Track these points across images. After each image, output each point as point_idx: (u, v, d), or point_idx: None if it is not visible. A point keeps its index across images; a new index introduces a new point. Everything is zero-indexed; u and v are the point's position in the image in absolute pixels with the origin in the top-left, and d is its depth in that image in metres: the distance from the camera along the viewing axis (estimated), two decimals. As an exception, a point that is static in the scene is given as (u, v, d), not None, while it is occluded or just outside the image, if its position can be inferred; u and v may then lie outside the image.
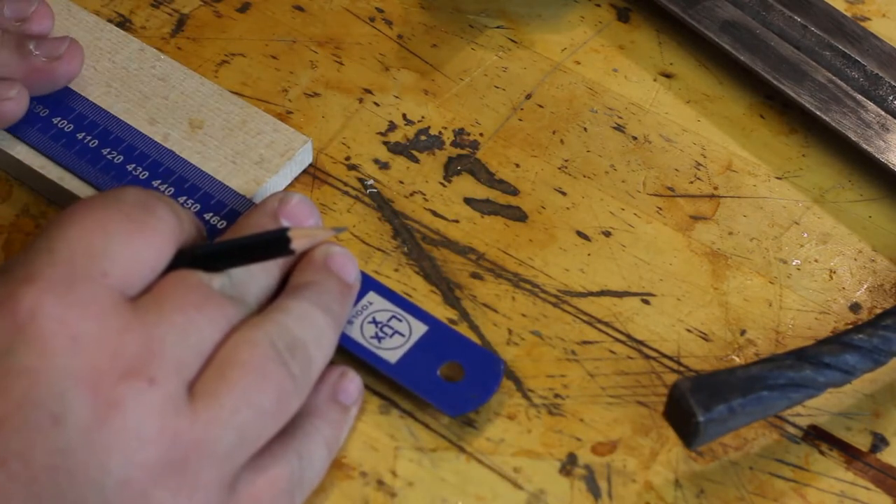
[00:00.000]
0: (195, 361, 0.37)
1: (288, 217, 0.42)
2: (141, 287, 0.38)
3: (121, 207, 0.38)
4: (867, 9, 0.57)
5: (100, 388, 0.34)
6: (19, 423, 0.34)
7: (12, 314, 0.35)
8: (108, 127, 0.48)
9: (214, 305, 0.38)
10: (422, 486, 0.42)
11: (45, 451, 0.34)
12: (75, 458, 0.34)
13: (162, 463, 0.35)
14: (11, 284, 0.35)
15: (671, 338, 0.46)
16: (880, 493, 0.42)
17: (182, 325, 0.37)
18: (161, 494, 0.35)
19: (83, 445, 0.34)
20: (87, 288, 0.36)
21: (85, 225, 0.37)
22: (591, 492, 0.42)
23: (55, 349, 0.34)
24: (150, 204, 0.39)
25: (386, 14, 0.56)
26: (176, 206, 0.40)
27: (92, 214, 0.38)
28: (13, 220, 0.48)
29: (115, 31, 0.51)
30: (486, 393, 0.43)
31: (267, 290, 0.41)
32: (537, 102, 0.53)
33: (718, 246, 0.49)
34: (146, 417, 0.35)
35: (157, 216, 0.39)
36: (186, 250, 0.40)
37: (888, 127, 0.50)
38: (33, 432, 0.34)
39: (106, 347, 0.35)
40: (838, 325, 0.47)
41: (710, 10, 0.54)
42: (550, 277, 0.47)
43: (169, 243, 0.39)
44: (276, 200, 0.43)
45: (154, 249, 0.38)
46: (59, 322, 0.35)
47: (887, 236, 0.49)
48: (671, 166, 0.51)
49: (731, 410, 0.39)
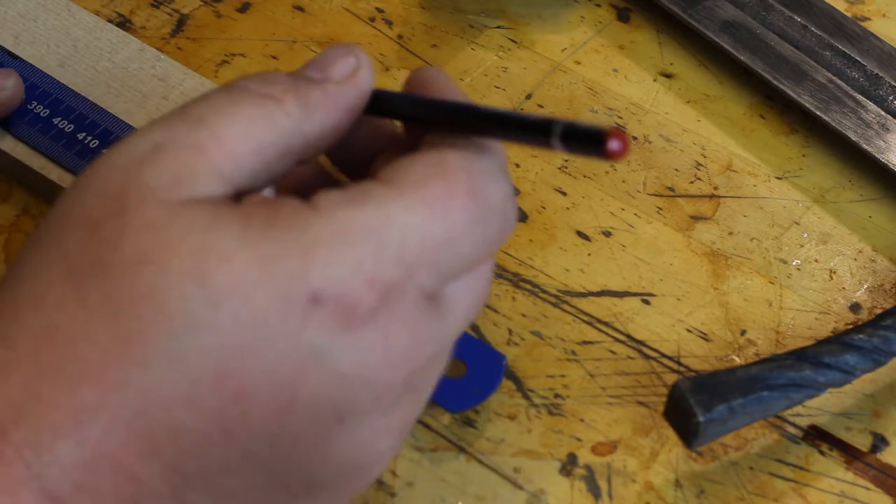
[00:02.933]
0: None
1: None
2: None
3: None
4: (867, 9, 0.57)
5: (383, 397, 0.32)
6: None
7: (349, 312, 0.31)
8: (109, 127, 0.48)
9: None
10: (422, 486, 0.42)
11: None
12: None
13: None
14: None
15: (671, 338, 0.46)
16: (880, 493, 0.42)
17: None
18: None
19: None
20: (402, 297, 0.32)
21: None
22: (591, 492, 0.42)
23: (375, 363, 0.31)
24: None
25: (386, 14, 0.56)
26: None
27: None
28: (13, 220, 0.48)
29: (115, 31, 0.51)
30: (488, 389, 0.43)
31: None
32: (537, 102, 0.53)
33: (718, 246, 0.49)
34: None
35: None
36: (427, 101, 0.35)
37: (888, 127, 0.50)
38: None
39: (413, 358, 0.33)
40: (838, 325, 0.47)
41: (710, 10, 0.54)
42: (550, 277, 0.47)
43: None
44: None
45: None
46: (383, 335, 0.31)
47: (887, 236, 0.49)
48: (671, 166, 0.51)
49: (731, 410, 0.39)
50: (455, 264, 0.32)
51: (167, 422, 0.30)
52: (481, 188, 0.32)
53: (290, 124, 0.33)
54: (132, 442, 0.30)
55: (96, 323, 0.30)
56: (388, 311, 0.31)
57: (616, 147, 0.30)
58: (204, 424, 0.30)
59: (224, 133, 0.32)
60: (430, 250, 0.31)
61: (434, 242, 0.31)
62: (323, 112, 0.34)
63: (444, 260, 0.32)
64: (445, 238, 0.32)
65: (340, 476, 0.32)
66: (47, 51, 0.50)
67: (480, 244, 0.33)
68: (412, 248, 0.31)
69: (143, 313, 0.30)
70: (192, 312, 0.29)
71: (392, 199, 0.31)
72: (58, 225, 0.32)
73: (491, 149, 0.34)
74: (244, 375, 0.30)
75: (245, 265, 0.30)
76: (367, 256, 0.31)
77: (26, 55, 0.50)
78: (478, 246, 0.32)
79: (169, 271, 0.30)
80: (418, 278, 0.31)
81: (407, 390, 0.32)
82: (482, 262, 0.34)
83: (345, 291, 0.30)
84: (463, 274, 0.33)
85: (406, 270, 0.31)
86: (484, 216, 0.32)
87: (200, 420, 0.30)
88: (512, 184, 0.34)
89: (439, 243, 0.32)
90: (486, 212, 0.32)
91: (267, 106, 0.33)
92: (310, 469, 0.32)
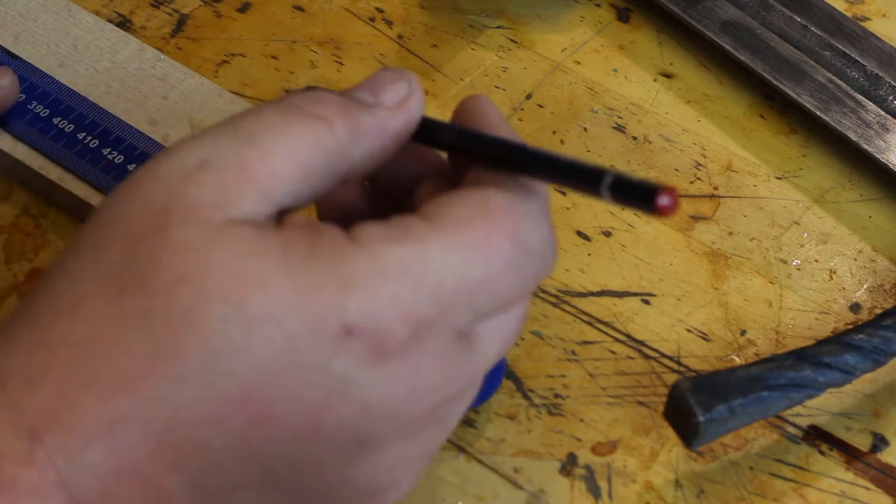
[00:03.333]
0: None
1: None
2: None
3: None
4: (867, 9, 0.57)
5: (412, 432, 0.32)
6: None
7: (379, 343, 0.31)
8: (109, 127, 0.48)
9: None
10: (422, 486, 0.42)
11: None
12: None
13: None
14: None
15: (671, 338, 0.46)
16: (880, 493, 0.42)
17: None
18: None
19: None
20: (434, 335, 0.32)
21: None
22: (591, 492, 0.42)
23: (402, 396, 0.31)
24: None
25: (386, 14, 0.56)
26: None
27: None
28: (13, 220, 0.48)
29: (115, 31, 0.51)
30: (489, 389, 0.43)
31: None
32: (537, 102, 0.53)
33: (718, 246, 0.49)
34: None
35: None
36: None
37: (888, 127, 0.50)
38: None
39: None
40: (838, 325, 0.47)
41: (710, 10, 0.54)
42: (551, 277, 0.47)
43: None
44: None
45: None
46: (412, 369, 0.31)
47: (887, 236, 0.49)
48: (671, 166, 0.51)
49: (731, 410, 0.39)
50: (490, 305, 0.32)
51: (194, 438, 0.30)
52: (522, 231, 0.32)
53: (338, 147, 0.33)
54: (159, 454, 0.30)
55: (132, 336, 0.30)
56: (418, 346, 0.31)
57: (666, 203, 0.30)
58: (229, 443, 0.30)
59: (271, 153, 0.32)
60: (466, 291, 0.32)
61: (471, 283, 0.32)
62: (371, 137, 0.34)
63: (480, 300, 0.32)
64: (482, 279, 0.32)
65: (359, 498, 0.33)
66: (47, 51, 0.50)
67: (517, 286, 0.33)
68: (449, 288, 0.31)
69: (179, 331, 0.30)
70: (226, 334, 0.30)
71: (432, 239, 0.32)
72: (100, 235, 0.32)
73: (534, 190, 0.34)
74: (272, 400, 0.30)
75: (282, 292, 0.30)
76: (403, 293, 0.31)
77: (26, 55, 0.50)
78: (514, 288, 0.33)
79: (207, 292, 0.30)
80: (452, 317, 0.32)
81: (431, 421, 0.32)
82: (517, 303, 0.34)
83: (379, 326, 0.31)
84: (498, 313, 0.33)
85: (441, 308, 0.31)
86: (522, 259, 0.32)
87: (226, 439, 0.30)
88: (551, 226, 0.34)
89: (476, 284, 0.32)
90: (524, 255, 0.33)
91: (316, 127, 0.33)
92: (328, 493, 0.32)
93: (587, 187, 0.32)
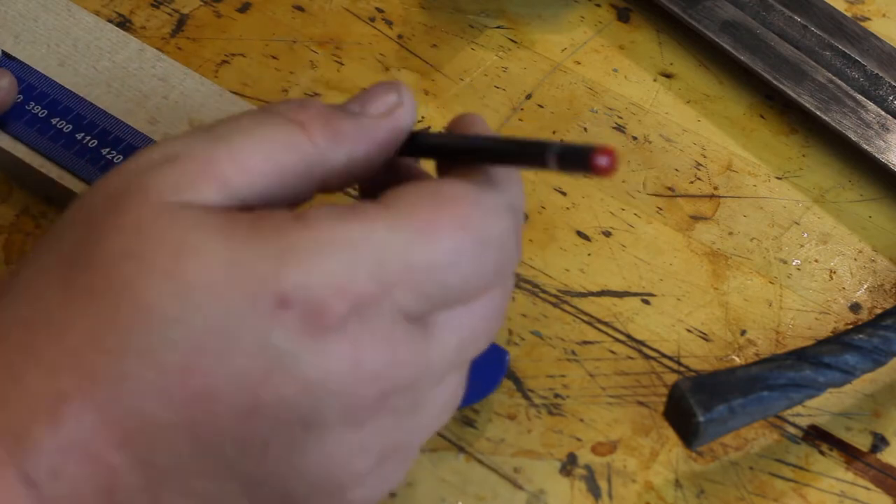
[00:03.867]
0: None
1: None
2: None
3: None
4: (867, 9, 0.57)
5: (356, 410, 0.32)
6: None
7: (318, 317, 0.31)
8: (108, 127, 0.48)
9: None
10: (422, 486, 0.42)
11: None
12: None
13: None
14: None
15: (671, 338, 0.46)
16: (880, 493, 0.42)
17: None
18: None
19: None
20: (379, 316, 0.32)
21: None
22: (591, 492, 0.42)
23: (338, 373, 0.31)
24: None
25: (386, 14, 0.56)
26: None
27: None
28: (13, 220, 0.48)
29: (115, 31, 0.51)
30: (492, 384, 0.43)
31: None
32: (537, 102, 0.53)
33: (718, 246, 0.49)
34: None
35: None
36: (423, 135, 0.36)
37: (888, 127, 0.50)
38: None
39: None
40: (838, 325, 0.47)
41: (710, 10, 0.54)
42: (550, 277, 0.47)
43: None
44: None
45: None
46: (352, 346, 0.31)
47: (887, 236, 0.49)
48: (671, 166, 0.51)
49: (731, 410, 0.39)
50: (441, 292, 0.32)
51: (138, 413, 0.30)
52: (477, 221, 0.32)
53: (313, 151, 0.34)
54: (105, 431, 0.30)
55: (78, 312, 0.31)
56: (360, 323, 0.31)
57: (604, 163, 0.31)
58: (173, 418, 0.31)
59: (241, 150, 0.33)
60: (411, 272, 0.32)
61: (416, 266, 0.32)
62: (352, 144, 0.35)
63: (427, 285, 0.32)
64: (428, 263, 0.32)
65: (316, 493, 0.32)
66: (47, 50, 0.50)
67: (470, 277, 0.32)
68: (391, 267, 0.31)
69: (121, 304, 0.31)
70: (164, 305, 0.30)
71: (379, 218, 0.32)
72: (62, 224, 0.33)
73: (501, 184, 0.34)
74: (213, 372, 0.30)
75: (219, 264, 0.31)
76: (341, 266, 0.31)
77: (26, 54, 0.50)
78: (467, 278, 0.32)
79: (147, 265, 0.31)
80: (397, 297, 0.31)
81: (383, 409, 0.32)
82: (478, 296, 0.33)
83: (313, 297, 0.31)
84: (455, 304, 0.33)
85: (382, 287, 0.31)
86: (476, 250, 0.32)
87: (169, 413, 0.31)
88: (517, 222, 0.34)
89: (422, 267, 0.32)
90: (478, 245, 0.32)
91: (292, 131, 0.34)
92: (282, 481, 0.32)
93: (536, 161, 0.33)
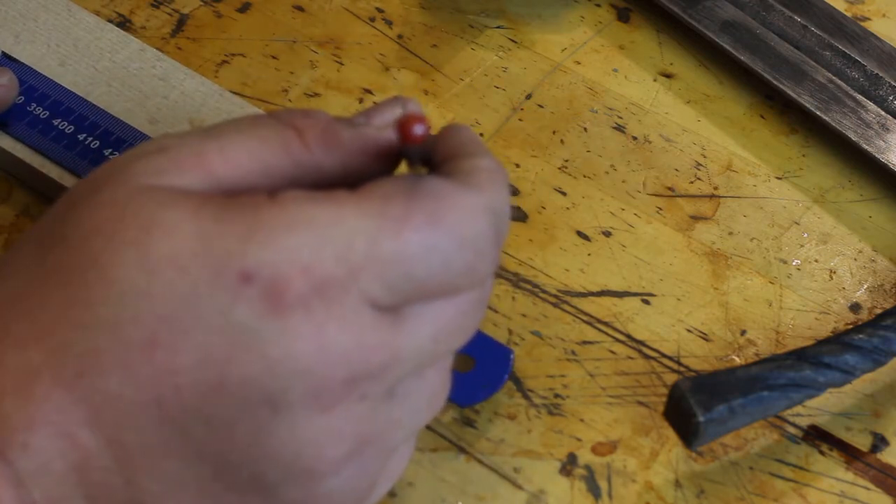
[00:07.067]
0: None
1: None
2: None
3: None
4: (867, 9, 0.57)
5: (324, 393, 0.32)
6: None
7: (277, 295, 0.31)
8: (109, 128, 0.48)
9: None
10: (422, 486, 0.42)
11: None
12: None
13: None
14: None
15: (671, 338, 0.46)
16: (880, 493, 0.42)
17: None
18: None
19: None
20: (341, 297, 0.32)
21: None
22: (591, 492, 0.42)
23: (304, 351, 0.31)
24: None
25: (386, 14, 0.56)
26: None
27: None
28: (13, 220, 0.48)
29: (115, 31, 0.51)
30: (497, 383, 0.43)
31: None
32: (537, 102, 0.53)
33: (718, 246, 0.49)
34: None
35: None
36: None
37: (888, 127, 0.50)
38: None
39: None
40: (838, 325, 0.47)
41: (710, 10, 0.54)
42: (550, 277, 0.47)
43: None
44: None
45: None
46: (317, 327, 0.31)
47: (887, 236, 0.49)
48: (671, 166, 0.51)
49: (731, 410, 0.39)
50: (409, 285, 0.32)
51: (104, 388, 0.31)
52: (450, 219, 0.32)
53: (306, 156, 0.34)
54: (72, 407, 0.31)
55: (51, 288, 0.31)
56: (325, 305, 0.31)
57: (416, 132, 0.33)
58: (139, 394, 0.31)
59: (231, 147, 0.33)
60: (378, 260, 0.32)
61: (383, 255, 0.32)
62: (348, 152, 0.35)
63: (393, 276, 0.32)
64: (395, 254, 0.32)
65: (288, 479, 0.32)
66: (48, 50, 0.50)
67: (439, 272, 0.33)
68: (358, 252, 0.31)
69: (88, 279, 0.31)
70: (129, 279, 0.31)
71: (350, 204, 0.32)
72: (49, 210, 0.34)
73: (482, 186, 0.34)
74: (177, 347, 0.31)
75: (186, 239, 0.31)
76: (306, 246, 0.31)
77: (27, 54, 0.50)
78: (435, 273, 0.32)
79: (115, 240, 0.31)
80: (363, 283, 0.31)
81: (352, 395, 0.32)
82: (452, 293, 0.34)
83: (276, 274, 0.31)
84: (427, 298, 0.33)
85: (349, 272, 0.31)
86: (447, 246, 0.32)
87: (135, 389, 0.31)
88: (497, 225, 0.34)
89: (388, 258, 0.32)
90: (450, 242, 0.32)
91: (286, 135, 0.34)
92: (253, 464, 0.32)
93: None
